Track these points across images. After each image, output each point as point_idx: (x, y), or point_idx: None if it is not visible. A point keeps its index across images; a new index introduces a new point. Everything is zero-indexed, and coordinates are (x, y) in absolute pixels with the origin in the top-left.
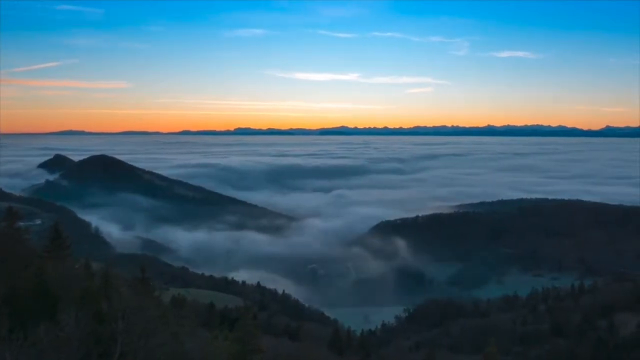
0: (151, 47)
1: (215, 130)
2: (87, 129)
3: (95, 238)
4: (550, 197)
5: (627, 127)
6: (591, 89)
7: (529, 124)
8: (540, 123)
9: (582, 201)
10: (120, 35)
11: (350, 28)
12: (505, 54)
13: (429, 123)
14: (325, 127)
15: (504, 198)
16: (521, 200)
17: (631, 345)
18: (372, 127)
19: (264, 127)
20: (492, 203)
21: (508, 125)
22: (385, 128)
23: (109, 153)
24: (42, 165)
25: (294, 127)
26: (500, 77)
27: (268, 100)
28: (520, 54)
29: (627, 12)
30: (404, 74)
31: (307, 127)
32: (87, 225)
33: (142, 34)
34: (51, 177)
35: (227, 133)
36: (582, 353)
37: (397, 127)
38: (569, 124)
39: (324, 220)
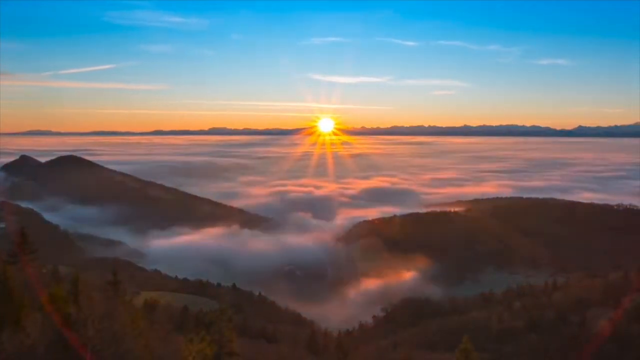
0: (217, 54)
1: (189, 130)
2: (54, 129)
3: (64, 241)
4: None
5: (598, 127)
6: (566, 90)
7: (503, 124)
8: (514, 123)
9: (555, 199)
10: (199, 43)
11: (417, 37)
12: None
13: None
14: (302, 127)
15: (479, 197)
16: (496, 199)
17: (602, 340)
18: (351, 127)
19: (240, 127)
20: (468, 202)
21: (483, 125)
22: (363, 128)
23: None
24: (6, 167)
25: (270, 127)
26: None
27: (280, 102)
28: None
29: (604, 14)
30: (434, 77)
31: (285, 128)
32: (54, 228)
33: (220, 42)
34: (16, 179)
35: (201, 132)
36: (556, 348)
37: (375, 127)
38: (543, 123)
39: (301, 219)
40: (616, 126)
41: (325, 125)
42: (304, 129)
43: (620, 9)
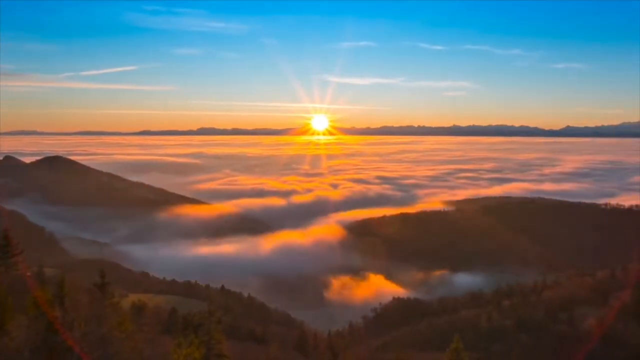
0: (242, 57)
1: (177, 130)
2: (39, 129)
3: (49, 243)
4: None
5: (585, 127)
6: (554, 91)
7: (493, 124)
8: (504, 123)
9: (543, 199)
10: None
11: (446, 41)
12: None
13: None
14: (290, 127)
15: (469, 197)
16: (485, 199)
17: (590, 338)
18: (342, 127)
19: (229, 127)
20: (457, 202)
21: (473, 125)
22: (353, 128)
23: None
24: None
25: (259, 127)
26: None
27: (287, 103)
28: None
29: (598, 17)
30: (448, 78)
31: (274, 128)
32: (39, 229)
33: (251, 45)
34: (0, 180)
35: (190, 133)
36: (545, 346)
37: (365, 127)
38: (532, 123)
39: (288, 220)
40: (603, 126)
41: (317, 125)
42: (293, 128)
43: (616, 10)
